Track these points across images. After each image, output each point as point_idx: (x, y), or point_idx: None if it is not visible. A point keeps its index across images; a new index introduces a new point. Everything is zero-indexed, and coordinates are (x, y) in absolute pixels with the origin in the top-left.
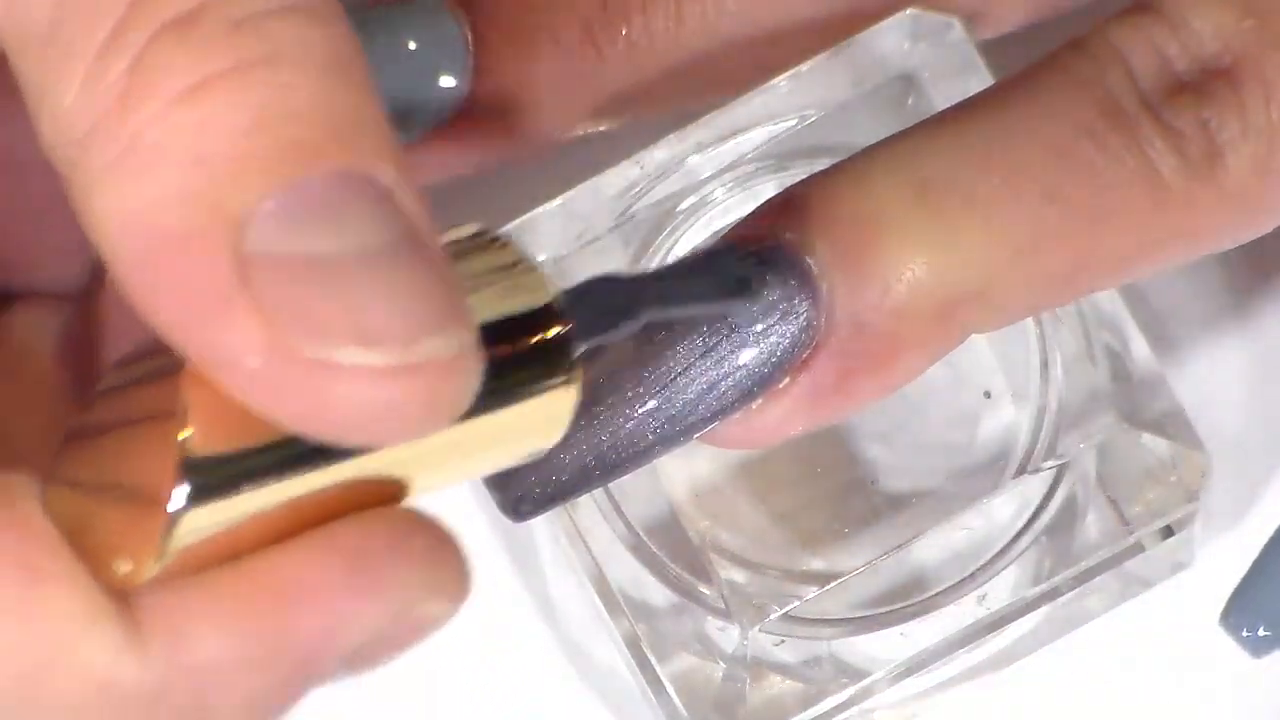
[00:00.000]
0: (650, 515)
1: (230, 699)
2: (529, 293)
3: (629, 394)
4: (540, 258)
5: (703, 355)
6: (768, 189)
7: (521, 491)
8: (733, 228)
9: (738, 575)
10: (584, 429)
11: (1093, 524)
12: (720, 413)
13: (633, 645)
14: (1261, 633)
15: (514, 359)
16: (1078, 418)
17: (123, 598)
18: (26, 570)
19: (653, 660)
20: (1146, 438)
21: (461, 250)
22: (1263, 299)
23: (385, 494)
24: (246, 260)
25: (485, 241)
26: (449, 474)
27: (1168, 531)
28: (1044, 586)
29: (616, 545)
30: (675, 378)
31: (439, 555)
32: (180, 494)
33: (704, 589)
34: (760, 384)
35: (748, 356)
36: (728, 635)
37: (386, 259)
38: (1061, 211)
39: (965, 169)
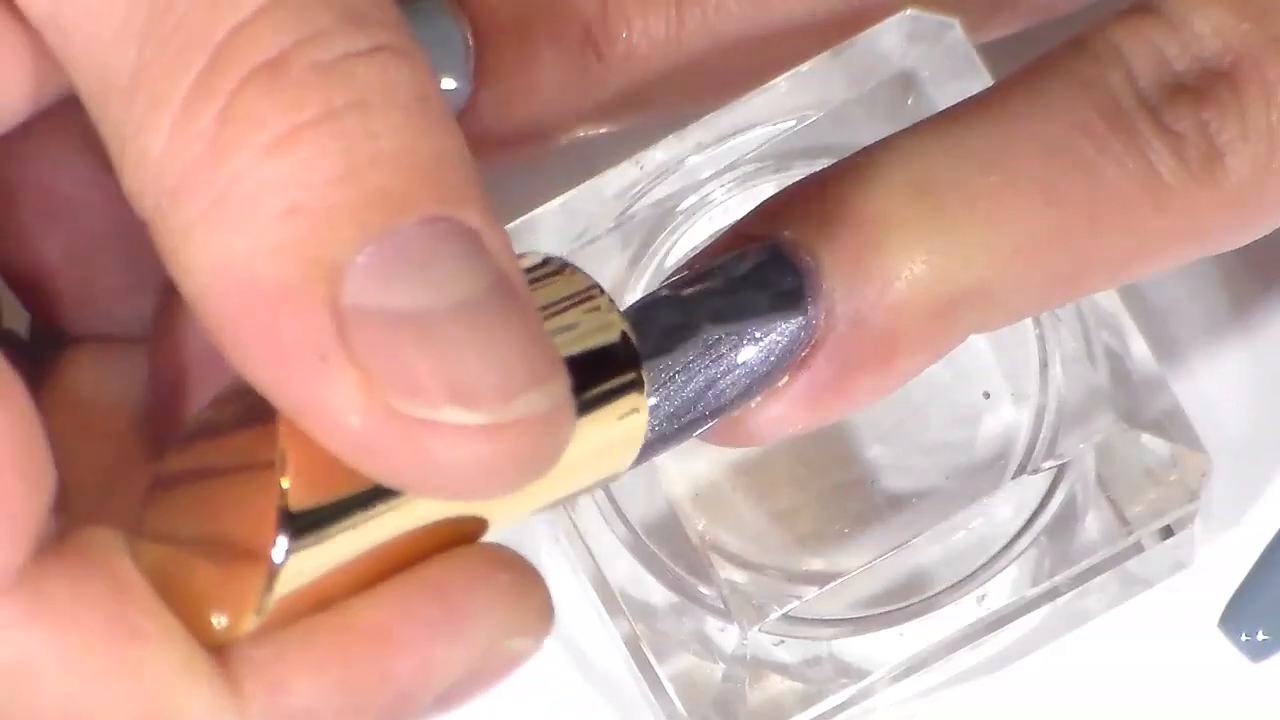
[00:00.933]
0: (650, 515)
1: None
2: (601, 325)
3: None
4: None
5: (702, 353)
6: (768, 189)
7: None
8: (732, 226)
9: (737, 575)
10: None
11: (1093, 524)
12: (719, 411)
13: (632, 645)
14: (1260, 637)
15: (592, 390)
16: (1077, 418)
17: (220, 652)
18: (126, 630)
19: (652, 660)
20: (1146, 438)
21: (539, 278)
22: (1263, 299)
23: (469, 532)
24: (343, 315)
25: (552, 270)
26: (528, 507)
27: (1168, 531)
28: (1044, 586)
29: (616, 545)
30: (674, 375)
31: (524, 590)
32: (281, 547)
33: (704, 589)
34: (759, 382)
35: (747, 354)
36: (727, 635)
37: (480, 312)
38: (1061, 212)
39: (966, 168)
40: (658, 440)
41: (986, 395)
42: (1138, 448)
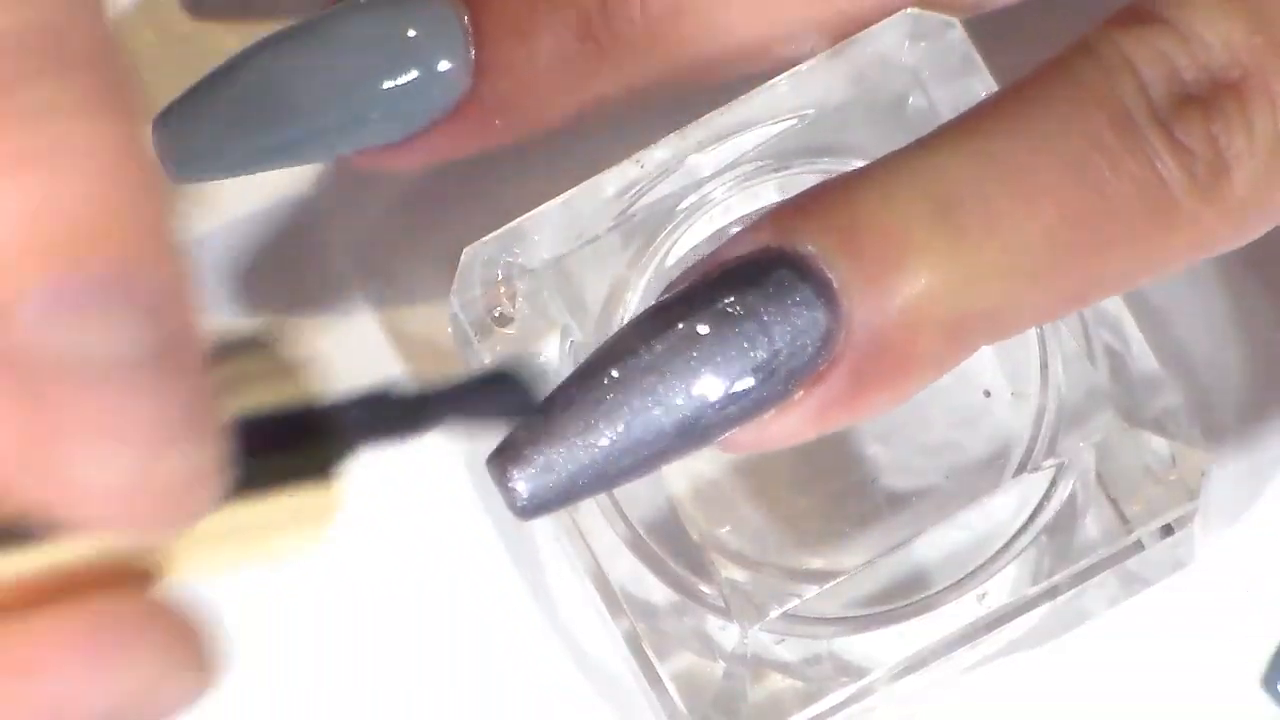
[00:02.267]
0: (651, 514)
1: None
2: (298, 395)
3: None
4: (541, 258)
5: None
6: (768, 189)
7: (529, 490)
8: (749, 229)
9: (738, 574)
10: (597, 429)
11: (1092, 523)
12: (733, 422)
13: (633, 644)
14: None
15: (275, 460)
16: (1078, 417)
17: None
18: None
19: (653, 659)
20: (1146, 437)
21: (235, 349)
22: (1263, 299)
23: (135, 576)
24: (5, 350)
25: (260, 343)
26: (202, 565)
27: (1168, 530)
28: (1044, 585)
29: (617, 544)
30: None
31: (181, 641)
32: None
33: (704, 588)
34: (776, 396)
35: (752, 380)
36: (728, 634)
37: (140, 368)
38: (1077, 234)
39: (986, 187)
40: (670, 448)
41: (987, 394)
42: (1138, 447)
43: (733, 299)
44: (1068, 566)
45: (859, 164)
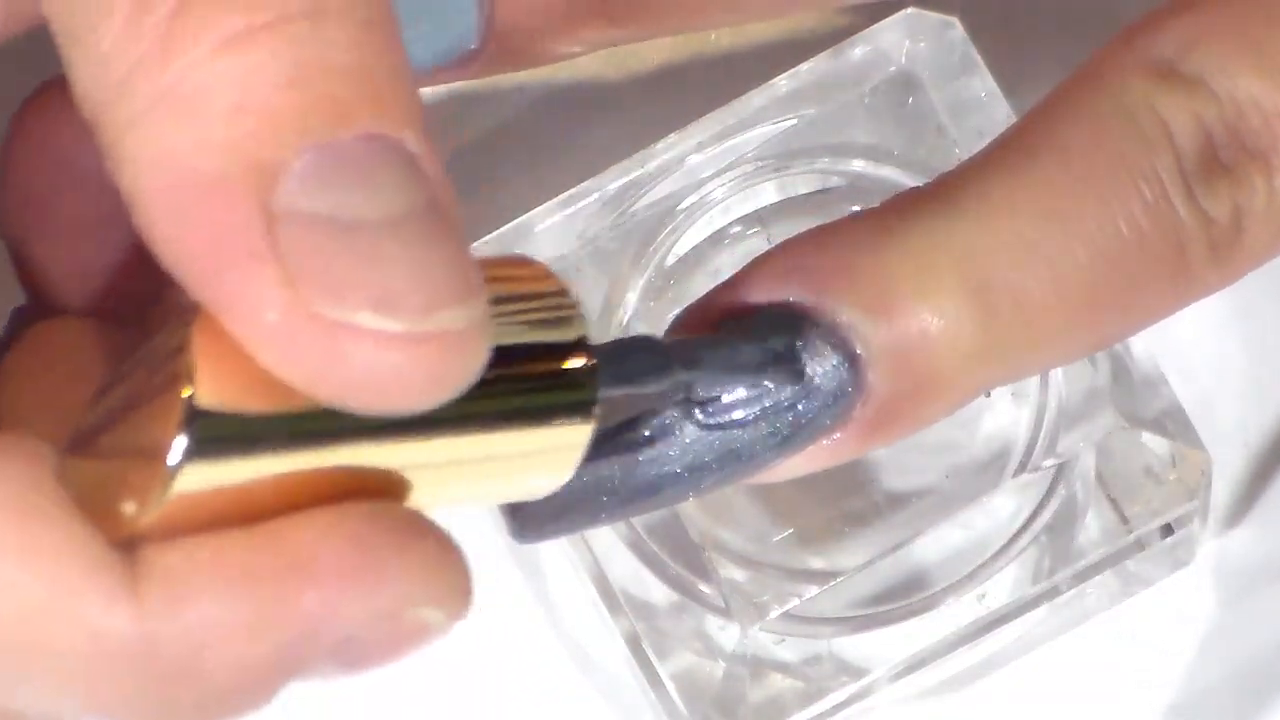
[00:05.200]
0: (651, 514)
1: (220, 664)
2: (564, 324)
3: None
4: (540, 258)
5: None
6: (768, 189)
7: (528, 517)
8: (765, 271)
9: (738, 574)
10: (602, 461)
11: (1093, 523)
12: (733, 475)
13: (633, 644)
14: None
15: (536, 384)
16: (1078, 417)
17: (126, 550)
18: (25, 513)
19: (653, 659)
20: (1146, 437)
21: (510, 274)
22: (1263, 299)
23: (392, 490)
24: (275, 214)
25: (534, 271)
26: (455, 486)
27: (1168, 530)
28: (1044, 585)
29: (617, 544)
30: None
31: (443, 563)
32: (181, 441)
33: (704, 587)
34: (780, 452)
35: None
36: (728, 634)
37: (409, 227)
38: (1099, 312)
39: (1019, 272)
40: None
41: (987, 394)
42: (1138, 447)
43: (751, 364)
44: (1068, 566)
45: (859, 164)
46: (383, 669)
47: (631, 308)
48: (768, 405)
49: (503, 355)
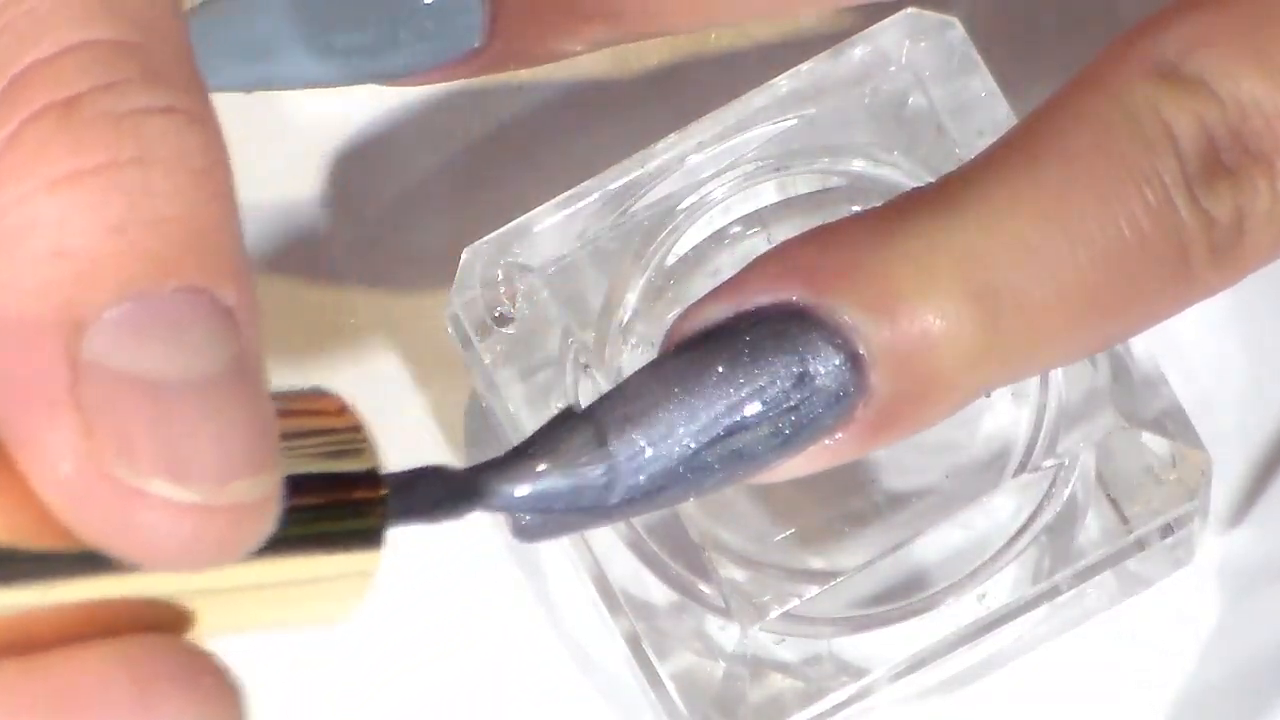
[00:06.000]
0: (651, 514)
1: None
2: (355, 456)
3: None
4: (541, 258)
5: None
6: (768, 189)
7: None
8: (765, 271)
9: (738, 574)
10: (603, 459)
11: (1093, 523)
12: (733, 475)
13: (633, 644)
14: None
15: (326, 513)
16: (1078, 417)
17: None
18: None
19: (653, 659)
20: (1146, 437)
21: (306, 408)
22: (1263, 299)
23: (176, 620)
24: (81, 365)
25: (330, 404)
26: (244, 614)
27: (1168, 530)
28: (1044, 585)
29: (617, 543)
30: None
31: (218, 698)
32: None
33: (704, 587)
34: (781, 453)
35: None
36: (728, 634)
37: (212, 392)
38: (1101, 315)
39: (1021, 273)
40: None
41: (987, 394)
42: (1138, 447)
43: (754, 353)
44: (1068, 566)
45: (859, 164)
46: (382, 669)
47: (631, 308)
48: (769, 405)
49: (294, 485)
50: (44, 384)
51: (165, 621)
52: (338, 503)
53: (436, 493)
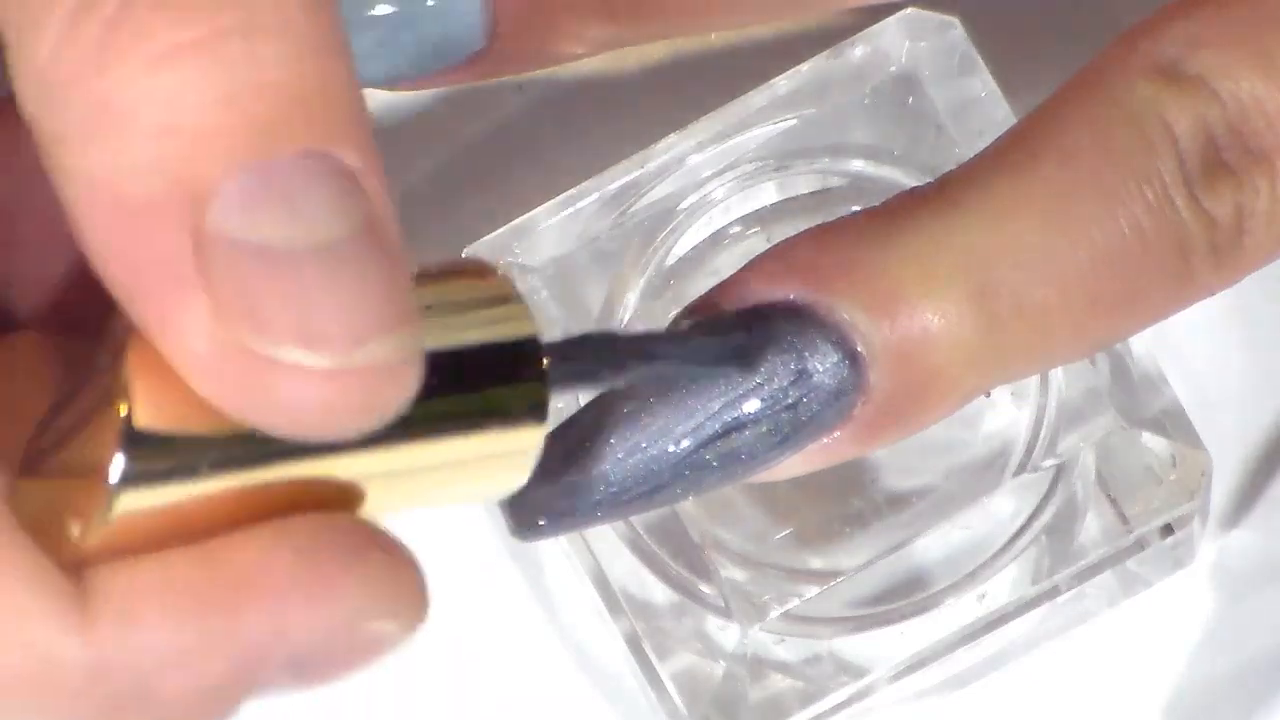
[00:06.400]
0: (651, 514)
1: (172, 688)
2: (512, 325)
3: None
4: (541, 258)
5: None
6: (768, 189)
7: (528, 514)
8: (765, 268)
9: (738, 574)
10: (605, 457)
11: (1093, 523)
12: (732, 473)
13: (633, 644)
14: None
15: (485, 388)
16: (1077, 417)
17: (75, 575)
18: None
19: (653, 659)
20: (1146, 437)
21: (458, 277)
22: (1263, 299)
23: (342, 499)
24: (204, 240)
25: (483, 269)
26: (407, 494)
27: (1168, 530)
28: (1044, 585)
29: (617, 544)
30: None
31: (394, 574)
32: (118, 461)
33: (704, 587)
34: (780, 450)
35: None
36: (728, 634)
37: (340, 254)
38: (1103, 316)
39: (1021, 273)
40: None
41: (987, 394)
42: (1138, 447)
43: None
44: (1068, 566)
45: (859, 164)
46: (382, 669)
47: (631, 308)
48: (767, 403)
49: (450, 360)
50: (169, 262)
51: (331, 500)
52: (498, 376)
53: (595, 357)
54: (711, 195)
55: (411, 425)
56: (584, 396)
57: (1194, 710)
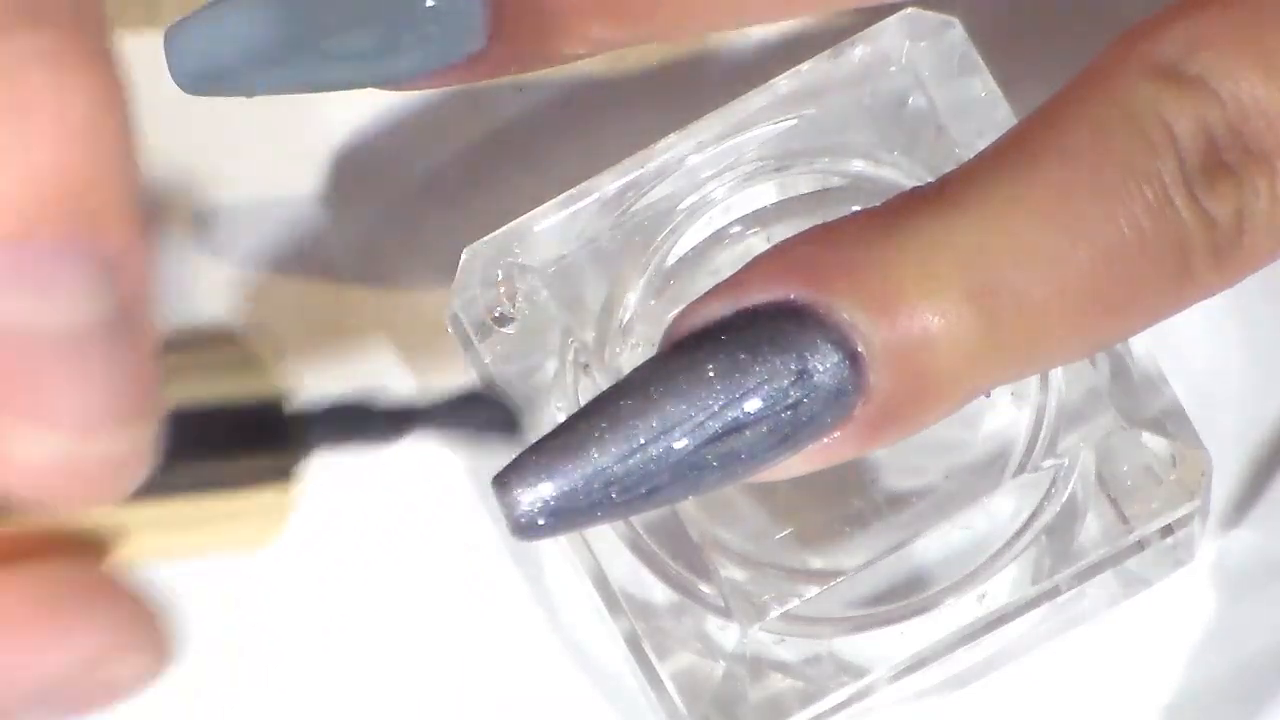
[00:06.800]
0: (651, 514)
1: None
2: (262, 388)
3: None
4: (541, 258)
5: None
6: (768, 189)
7: (528, 513)
8: (765, 267)
9: (738, 573)
10: (605, 457)
11: (1093, 523)
12: (731, 472)
13: (633, 643)
14: None
15: (234, 450)
16: (1077, 417)
17: None
18: None
19: (653, 658)
20: (1146, 437)
21: (205, 339)
22: (1263, 299)
23: (87, 548)
24: None
25: (231, 336)
26: (154, 547)
27: (1168, 530)
28: (1044, 585)
29: (617, 543)
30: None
31: (134, 619)
32: None
33: (704, 587)
34: (780, 450)
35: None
36: (728, 633)
37: (82, 343)
38: (1102, 316)
39: (1022, 278)
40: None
41: (986, 394)
42: (1138, 447)
43: (753, 350)
44: (1068, 566)
45: (859, 164)
46: (382, 669)
47: (631, 308)
48: (767, 403)
49: (198, 422)
50: None
51: (75, 549)
52: (245, 437)
53: (352, 423)
54: (711, 195)
55: (158, 484)
56: (583, 395)
57: (1194, 710)
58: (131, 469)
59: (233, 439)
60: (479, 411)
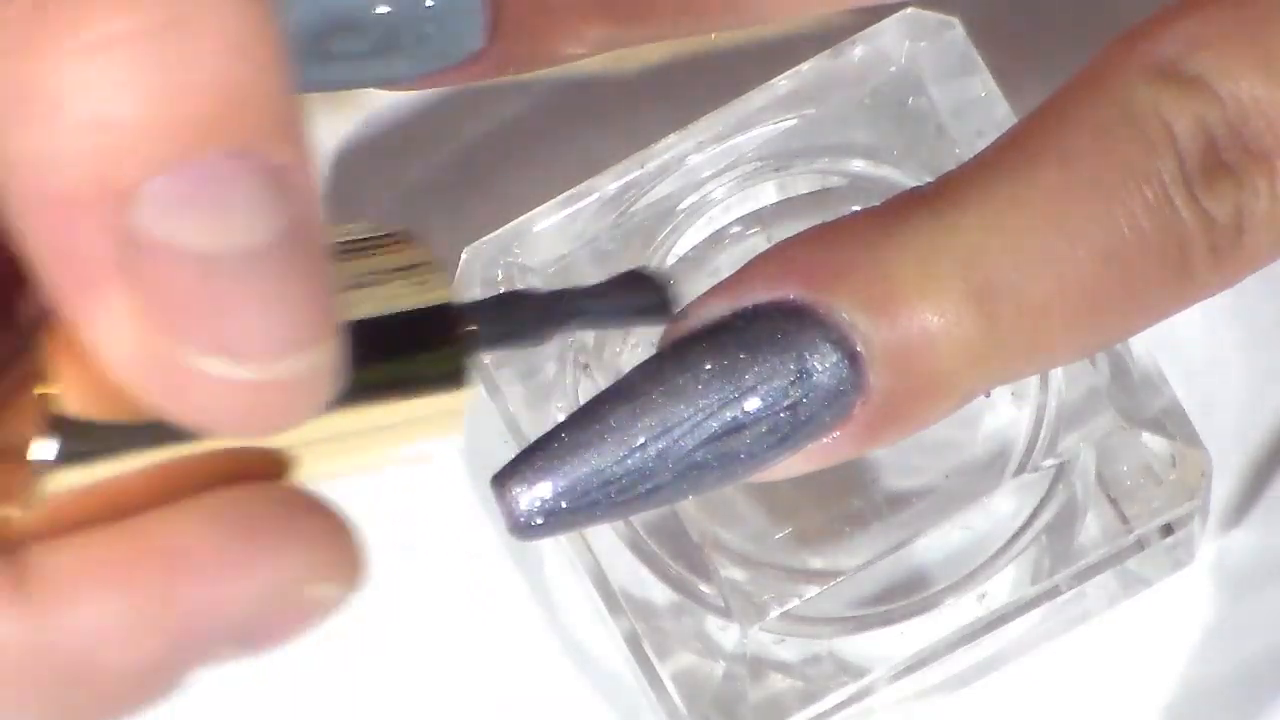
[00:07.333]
0: (651, 514)
1: (112, 666)
2: (431, 292)
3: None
4: (541, 258)
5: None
6: (768, 189)
7: (528, 513)
8: (764, 268)
9: (738, 574)
10: (605, 456)
11: (1093, 523)
12: (730, 472)
13: (633, 644)
14: None
15: (408, 354)
16: (1077, 417)
17: (9, 556)
18: None
19: (653, 659)
20: (1146, 437)
21: (370, 245)
22: (1263, 299)
23: (271, 468)
24: (126, 240)
25: (396, 239)
26: (335, 460)
27: (1168, 530)
28: (1044, 585)
29: (617, 544)
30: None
31: (328, 537)
32: (42, 442)
33: (704, 587)
34: (780, 451)
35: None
36: (728, 634)
37: (263, 262)
38: (1102, 316)
39: (1022, 278)
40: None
41: (986, 394)
42: (1138, 447)
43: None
44: (1068, 566)
45: (859, 164)
46: (382, 669)
47: None
48: (767, 402)
49: (371, 329)
50: (90, 258)
51: (261, 470)
52: (420, 342)
53: (517, 318)
54: (711, 195)
55: (337, 394)
56: (583, 395)
57: (1194, 710)
58: (317, 389)
59: (407, 343)
60: (634, 292)
